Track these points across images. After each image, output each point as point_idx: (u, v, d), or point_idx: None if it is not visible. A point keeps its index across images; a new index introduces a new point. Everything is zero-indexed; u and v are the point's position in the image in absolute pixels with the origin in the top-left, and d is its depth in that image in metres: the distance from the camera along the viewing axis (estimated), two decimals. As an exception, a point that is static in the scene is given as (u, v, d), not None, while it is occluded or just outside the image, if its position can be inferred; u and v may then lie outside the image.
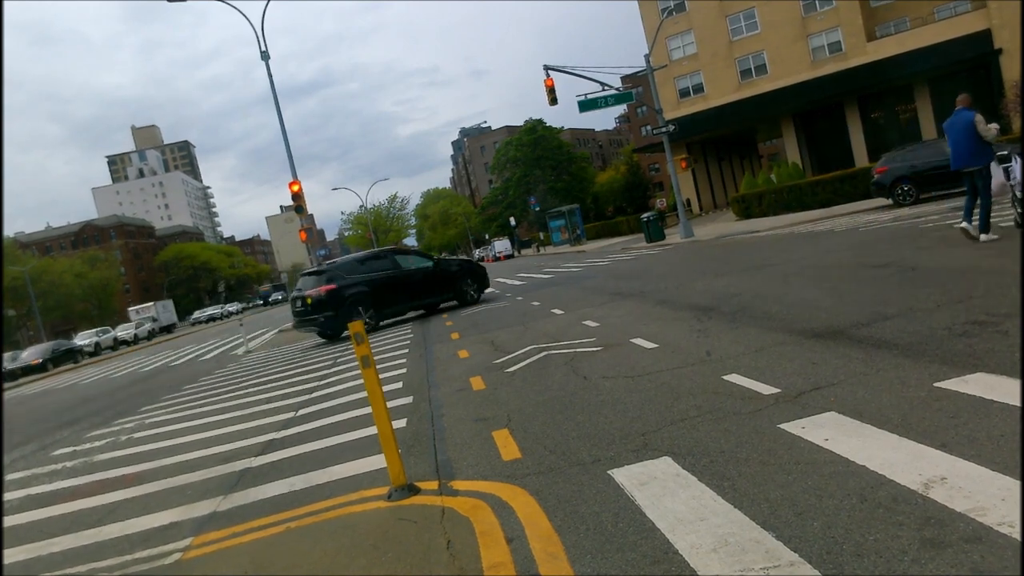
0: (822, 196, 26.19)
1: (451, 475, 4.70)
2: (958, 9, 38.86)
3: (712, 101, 43.89)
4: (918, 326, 5.76)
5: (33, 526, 5.77)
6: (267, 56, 25.40)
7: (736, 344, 6.60)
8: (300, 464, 5.84)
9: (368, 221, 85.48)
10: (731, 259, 15.47)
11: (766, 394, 4.86)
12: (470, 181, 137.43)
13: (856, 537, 2.73)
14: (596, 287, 15.51)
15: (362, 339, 4.51)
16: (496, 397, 6.74)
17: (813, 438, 3.85)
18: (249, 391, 11.16)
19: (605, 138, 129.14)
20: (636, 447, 4.37)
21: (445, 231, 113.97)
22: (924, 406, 3.98)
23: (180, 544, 4.52)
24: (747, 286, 10.25)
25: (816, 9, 40.81)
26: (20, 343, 54.24)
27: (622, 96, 28.47)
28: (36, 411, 16.81)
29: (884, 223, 15.56)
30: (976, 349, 4.81)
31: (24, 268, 60.14)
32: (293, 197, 25.38)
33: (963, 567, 2.40)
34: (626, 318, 9.77)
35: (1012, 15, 32.74)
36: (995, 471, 3.00)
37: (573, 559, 3.09)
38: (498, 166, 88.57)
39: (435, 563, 3.37)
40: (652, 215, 31.28)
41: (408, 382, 8.70)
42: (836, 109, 40.66)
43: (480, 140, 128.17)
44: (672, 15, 43.72)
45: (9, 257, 68.38)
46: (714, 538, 2.96)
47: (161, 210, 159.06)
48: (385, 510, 4.28)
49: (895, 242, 11.65)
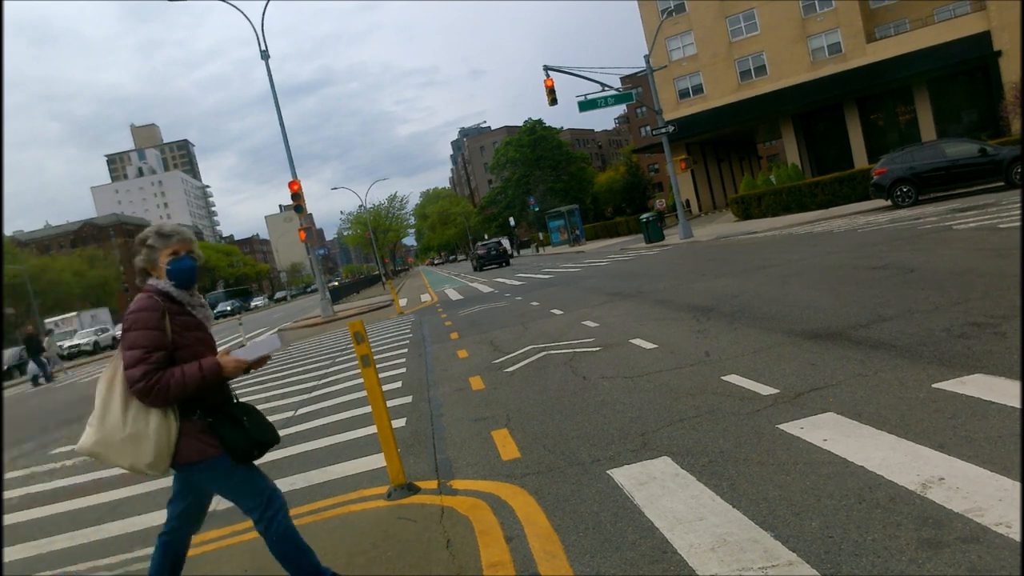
0: (821, 197, 26.21)
1: (450, 474, 4.71)
2: (957, 11, 38.88)
3: (711, 102, 43.91)
4: (916, 327, 5.77)
5: (33, 524, 5.78)
6: (267, 55, 25.41)
7: (735, 345, 6.61)
8: (300, 463, 5.85)
9: (367, 221, 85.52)
10: (730, 260, 15.48)
11: (765, 395, 4.87)
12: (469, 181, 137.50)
13: (854, 537, 2.75)
14: (595, 287, 15.52)
15: (362, 338, 4.52)
16: (495, 397, 6.75)
17: (812, 438, 3.86)
18: (248, 391, 11.16)
19: (604, 138, 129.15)
20: (635, 447, 4.38)
21: (444, 231, 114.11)
22: (922, 407, 3.99)
23: (180, 543, 4.52)
24: (746, 287, 10.27)
25: (816, 10, 40.82)
26: (19, 342, 54.20)
27: (621, 96, 28.47)
28: (35, 409, 16.81)
29: (883, 224, 15.58)
30: (974, 350, 4.82)
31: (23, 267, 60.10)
32: (292, 196, 25.41)
33: (961, 567, 2.41)
34: (625, 318, 9.78)
35: (1012, 17, 32.76)
36: (993, 472, 3.02)
37: (572, 558, 3.10)
38: (497, 166, 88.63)
39: (434, 562, 3.38)
40: (651, 216, 31.27)
41: (407, 382, 8.71)
42: (835, 110, 40.68)
43: (479, 140, 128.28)
44: (672, 16, 43.79)
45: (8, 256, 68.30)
46: (713, 537, 2.97)
47: (160, 209, 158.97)
48: (384, 509, 4.29)
49: (894, 243, 11.66)
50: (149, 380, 2.74)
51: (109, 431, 2.80)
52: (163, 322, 2.85)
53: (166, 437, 2.81)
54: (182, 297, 2.96)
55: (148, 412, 2.80)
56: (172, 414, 2.85)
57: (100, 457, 2.85)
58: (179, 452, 2.85)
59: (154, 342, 2.79)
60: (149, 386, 2.74)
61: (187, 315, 2.96)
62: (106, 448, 2.81)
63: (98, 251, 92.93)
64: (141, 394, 2.75)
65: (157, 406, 2.80)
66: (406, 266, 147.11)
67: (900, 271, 8.74)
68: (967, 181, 18.87)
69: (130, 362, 2.77)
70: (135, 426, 2.79)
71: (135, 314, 2.83)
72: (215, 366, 2.86)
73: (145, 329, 2.80)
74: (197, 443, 2.86)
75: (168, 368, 2.81)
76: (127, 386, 2.80)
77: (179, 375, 2.79)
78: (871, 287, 8.08)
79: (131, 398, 2.81)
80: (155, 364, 2.77)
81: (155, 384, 2.75)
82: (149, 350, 2.77)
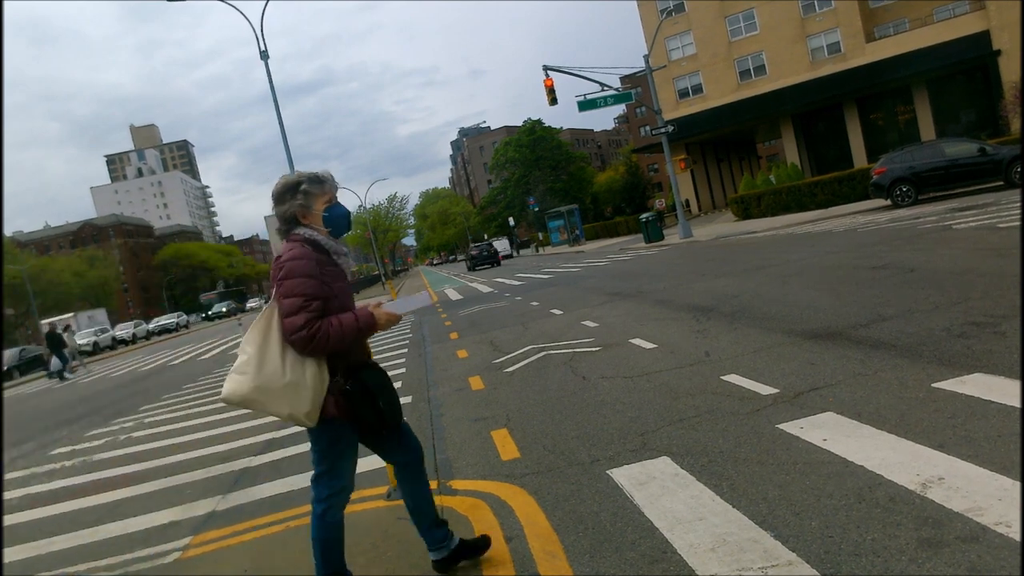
0: (821, 197, 26.22)
1: (450, 474, 4.71)
2: (957, 10, 38.87)
3: (711, 102, 43.90)
4: (916, 327, 5.77)
5: (32, 525, 5.77)
6: (266, 56, 25.38)
7: (735, 344, 6.61)
8: (299, 463, 5.84)
9: (367, 221, 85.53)
10: (730, 260, 15.48)
11: (764, 394, 4.87)
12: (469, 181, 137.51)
13: (854, 536, 2.74)
14: (595, 287, 15.52)
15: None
16: (495, 397, 6.75)
17: (811, 438, 3.86)
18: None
19: (604, 138, 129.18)
20: (635, 447, 4.38)
21: (444, 231, 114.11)
22: (922, 406, 3.99)
23: (179, 543, 4.52)
24: (746, 287, 10.27)
25: (815, 10, 40.81)
26: (18, 342, 54.07)
27: (621, 96, 28.48)
28: (35, 410, 16.80)
29: (883, 224, 15.58)
30: (974, 350, 4.82)
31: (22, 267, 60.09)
32: (292, 197, 25.37)
33: (960, 567, 2.41)
34: (625, 318, 9.78)
35: (1011, 17, 32.75)
36: (992, 471, 3.02)
37: (572, 558, 3.10)
38: (497, 166, 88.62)
39: (434, 562, 3.37)
40: (651, 216, 31.27)
41: (407, 382, 8.71)
42: (835, 110, 40.67)
43: (479, 140, 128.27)
44: (671, 16, 43.77)
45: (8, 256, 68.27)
46: (712, 537, 2.97)
47: (160, 209, 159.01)
48: (384, 509, 4.29)
49: (893, 243, 11.66)
50: (311, 328, 2.71)
51: (267, 378, 2.76)
52: (318, 270, 2.82)
53: (320, 388, 2.80)
54: (331, 245, 2.93)
55: (303, 362, 2.77)
56: (324, 366, 2.83)
57: (255, 405, 2.81)
58: (325, 406, 2.83)
59: (313, 290, 2.76)
60: (311, 334, 2.71)
61: (334, 264, 2.94)
62: (264, 395, 2.77)
63: (98, 251, 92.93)
64: (302, 342, 2.72)
65: (315, 355, 2.79)
66: (406, 266, 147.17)
67: (900, 271, 8.74)
68: (966, 181, 18.87)
69: (290, 310, 2.73)
70: (294, 374, 2.75)
71: (292, 262, 2.79)
72: (370, 318, 2.85)
73: (304, 277, 2.77)
74: (335, 401, 2.85)
75: (326, 317, 2.79)
76: (284, 334, 2.76)
77: (337, 324, 2.77)
78: (871, 287, 8.08)
79: (287, 347, 2.78)
80: (315, 312, 2.75)
81: (316, 332, 2.72)
82: (309, 298, 2.74)
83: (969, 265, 8.19)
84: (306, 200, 2.89)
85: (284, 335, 2.77)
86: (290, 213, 2.90)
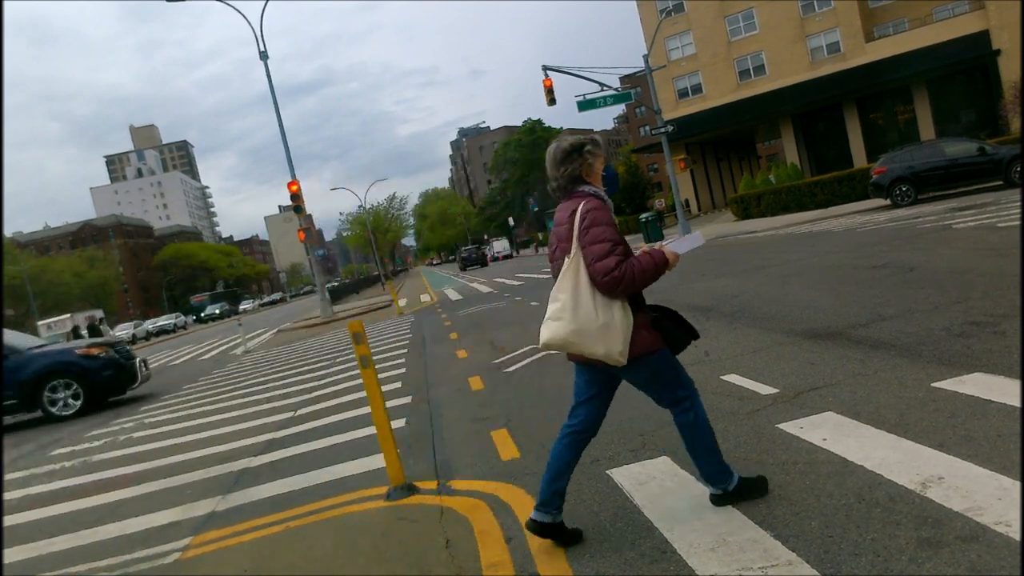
0: (820, 197, 26.22)
1: (450, 475, 4.71)
2: (956, 10, 38.89)
3: (711, 102, 43.90)
4: (916, 327, 5.78)
5: (32, 526, 5.77)
6: (266, 56, 25.40)
7: (734, 344, 6.61)
8: (299, 464, 5.85)
9: (367, 221, 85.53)
10: (730, 260, 15.49)
11: (764, 394, 4.88)
12: (469, 181, 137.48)
13: (853, 536, 2.74)
14: (595, 287, 15.49)
15: (361, 339, 4.52)
16: (495, 397, 6.75)
17: (811, 438, 3.86)
18: (248, 391, 11.15)
19: (604, 138, 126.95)
20: (635, 447, 4.38)
21: (444, 231, 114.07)
22: (921, 406, 3.99)
23: (179, 544, 4.52)
24: (746, 287, 10.27)
25: (815, 10, 40.83)
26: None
27: (621, 96, 28.49)
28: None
29: (882, 224, 15.59)
30: (974, 349, 4.83)
31: (22, 267, 60.10)
32: (292, 197, 25.40)
33: (960, 566, 2.41)
34: (625, 318, 9.77)
35: (1011, 16, 32.75)
36: (992, 471, 3.02)
37: (571, 558, 3.10)
38: (497, 166, 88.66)
39: (434, 562, 3.37)
40: (651, 215, 31.25)
41: (407, 382, 8.71)
42: (835, 110, 40.68)
43: (479, 140, 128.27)
44: (671, 15, 43.76)
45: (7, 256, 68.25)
46: (712, 537, 2.97)
47: (159, 210, 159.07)
48: (384, 509, 4.29)
49: (893, 243, 11.66)
50: (621, 269, 2.92)
51: (583, 321, 2.97)
52: (614, 218, 3.09)
53: (628, 327, 3.00)
54: (608, 200, 3.15)
55: (611, 303, 2.98)
56: (628, 307, 3.02)
57: (572, 348, 3.04)
58: (634, 344, 3.01)
59: (616, 236, 3.00)
60: (621, 274, 2.92)
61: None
62: (581, 337, 2.98)
63: (97, 252, 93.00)
64: (613, 283, 2.93)
65: (624, 294, 2.99)
66: (405, 266, 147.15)
67: (900, 270, 8.74)
68: (966, 180, 18.88)
69: (600, 254, 2.94)
70: (605, 316, 2.96)
71: (592, 212, 3.01)
72: (663, 257, 3.04)
73: (606, 225, 3.00)
74: (649, 335, 3.05)
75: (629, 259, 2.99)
76: (595, 277, 2.95)
77: (639, 264, 2.98)
78: (871, 287, 8.08)
79: (595, 291, 2.98)
80: (622, 255, 2.97)
81: (625, 272, 2.92)
82: (615, 243, 2.97)
83: (969, 265, 8.19)
84: (591, 160, 3.15)
85: (595, 278, 2.96)
86: (577, 172, 3.14)
